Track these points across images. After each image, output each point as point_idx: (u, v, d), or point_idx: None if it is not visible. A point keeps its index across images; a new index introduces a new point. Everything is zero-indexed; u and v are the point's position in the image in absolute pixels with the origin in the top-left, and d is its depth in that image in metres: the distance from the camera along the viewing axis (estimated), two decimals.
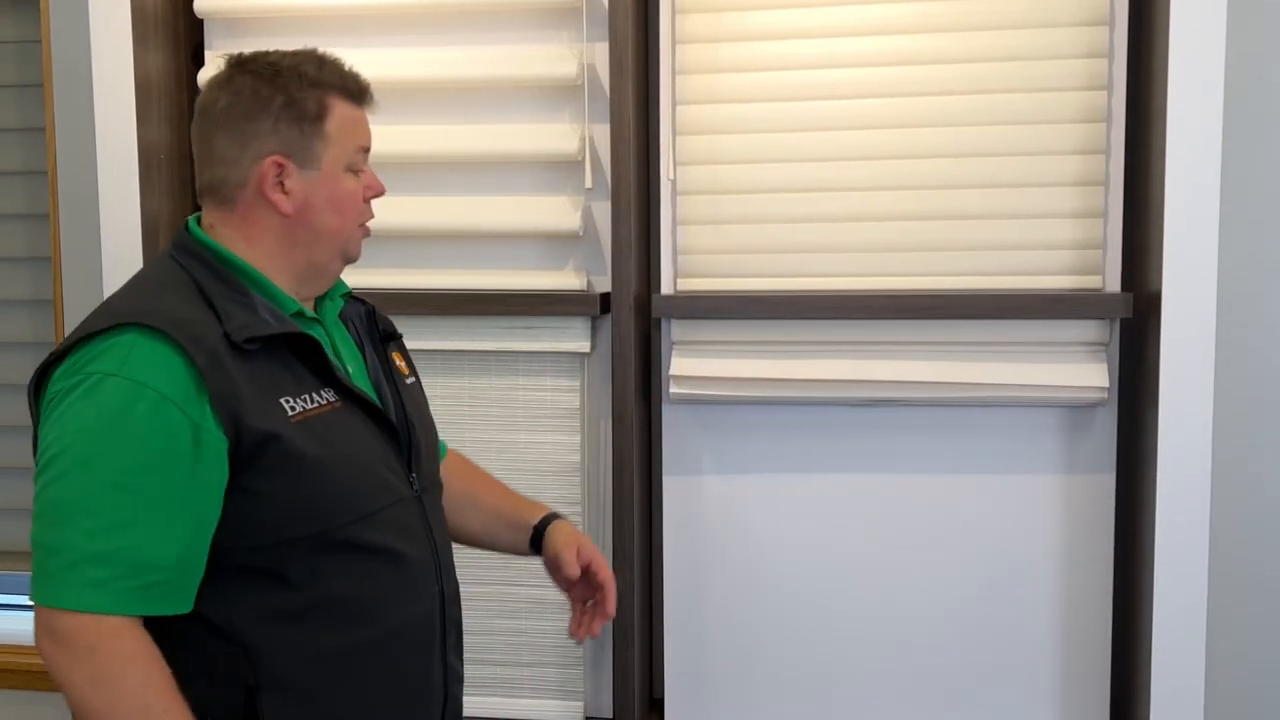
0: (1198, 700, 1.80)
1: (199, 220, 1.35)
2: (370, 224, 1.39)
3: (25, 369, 2.26)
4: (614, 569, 1.94)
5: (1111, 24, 1.85)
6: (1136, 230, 1.89)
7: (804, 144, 1.95)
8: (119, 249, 2.04)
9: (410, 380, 1.48)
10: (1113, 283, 1.89)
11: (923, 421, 1.96)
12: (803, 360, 1.95)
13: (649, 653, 2.11)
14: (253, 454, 1.20)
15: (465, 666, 1.47)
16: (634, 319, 1.94)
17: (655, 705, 2.11)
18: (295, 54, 1.33)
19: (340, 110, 1.32)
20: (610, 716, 2.01)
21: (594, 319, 2.01)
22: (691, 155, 1.98)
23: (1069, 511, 1.94)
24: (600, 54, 1.97)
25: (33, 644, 2.24)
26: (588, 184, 1.99)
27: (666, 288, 2.00)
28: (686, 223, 1.99)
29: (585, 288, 2.02)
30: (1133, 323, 1.90)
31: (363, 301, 1.49)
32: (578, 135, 1.98)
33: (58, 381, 1.25)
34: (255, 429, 1.19)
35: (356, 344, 1.42)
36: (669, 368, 1.99)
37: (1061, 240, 1.89)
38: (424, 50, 2.04)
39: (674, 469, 2.03)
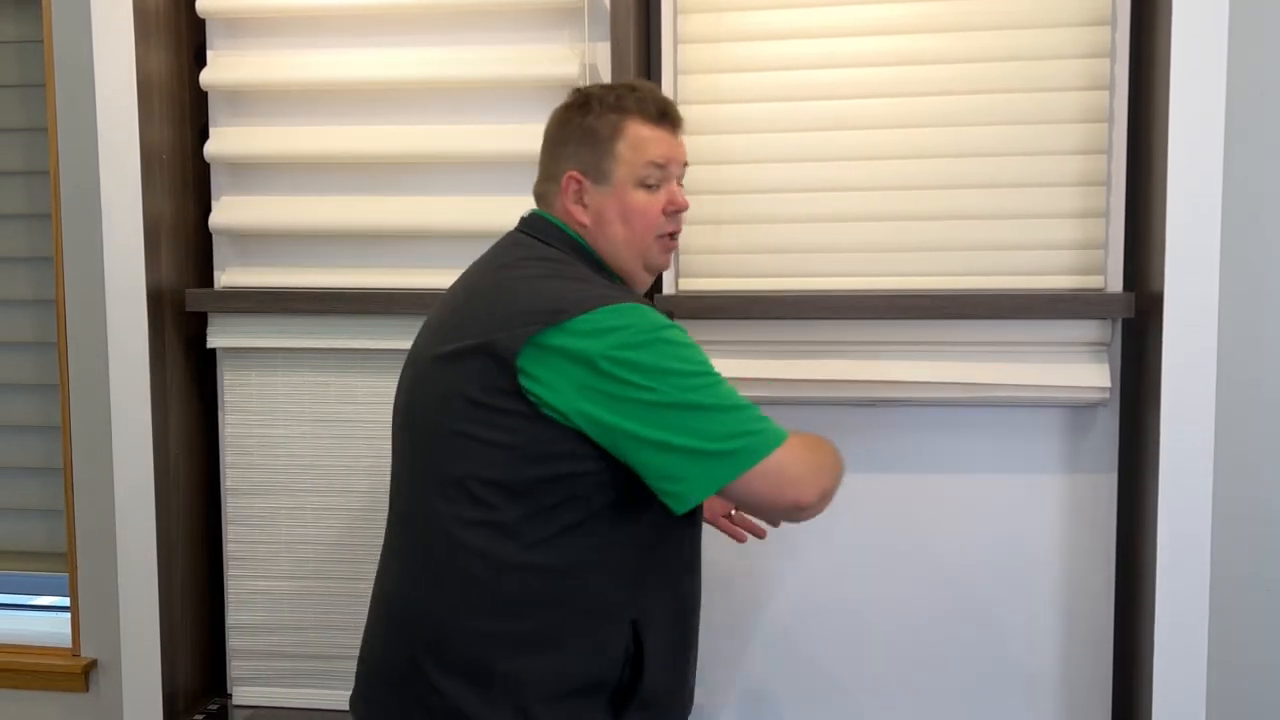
0: (1199, 700, 1.79)
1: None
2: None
3: (28, 369, 2.27)
4: None
5: (1113, 24, 1.85)
6: (1138, 230, 1.89)
7: (806, 144, 1.95)
8: (121, 249, 2.04)
9: None
10: (1114, 283, 1.89)
11: (925, 421, 1.96)
12: (805, 360, 1.95)
13: None
14: None
15: None
16: None
17: None
18: (611, 85, 1.54)
19: (633, 130, 1.47)
20: None
21: None
22: (694, 155, 1.96)
23: (1070, 511, 1.94)
24: (602, 54, 1.97)
25: (33, 644, 2.25)
26: None
27: (669, 287, 2.00)
28: (689, 223, 1.98)
29: None
30: (1134, 323, 1.90)
31: None
32: None
33: (607, 339, 1.34)
34: None
35: None
36: None
37: (1063, 240, 1.89)
38: (426, 50, 2.04)
39: None
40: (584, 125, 1.48)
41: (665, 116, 1.49)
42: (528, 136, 2.00)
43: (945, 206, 1.92)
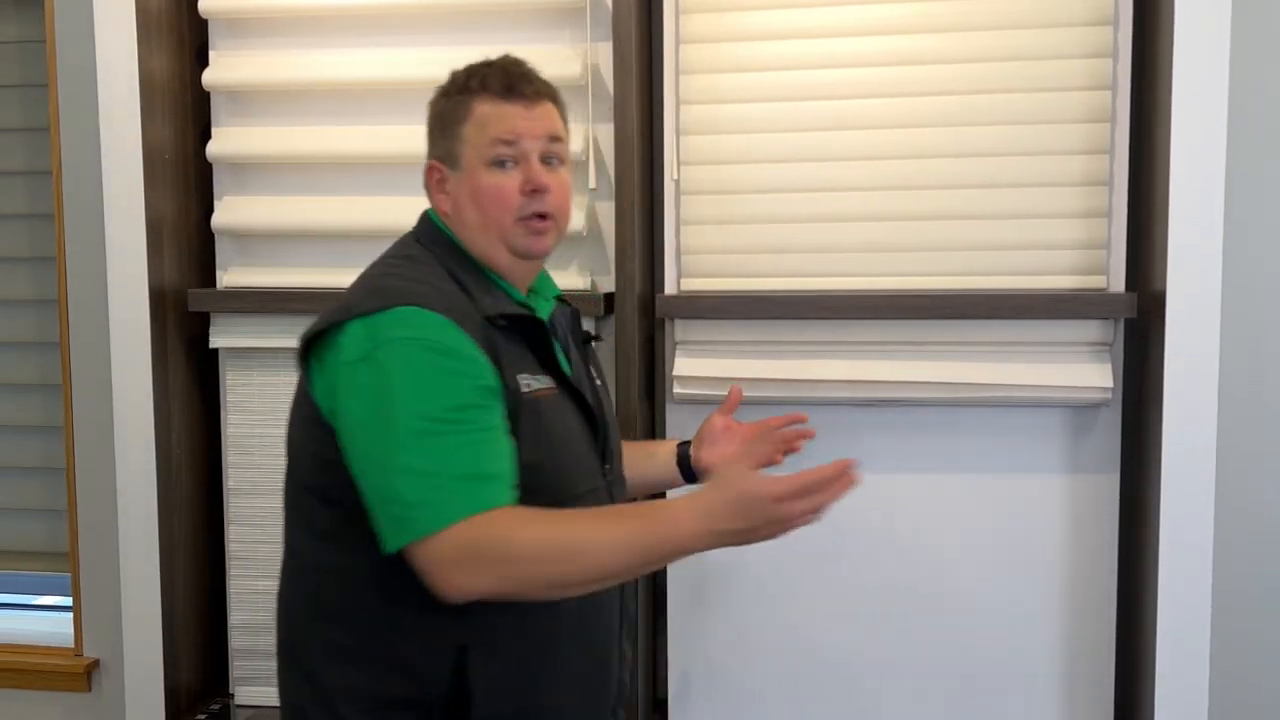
0: (1201, 700, 1.79)
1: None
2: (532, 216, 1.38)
3: (30, 369, 2.27)
4: None
5: (1115, 24, 1.85)
6: (1141, 230, 1.88)
7: (807, 144, 1.95)
8: (123, 248, 2.04)
9: (599, 382, 1.54)
10: (1117, 283, 1.89)
11: (926, 421, 1.96)
12: (806, 360, 1.95)
13: (653, 653, 2.11)
14: (512, 419, 1.29)
15: None
16: (638, 319, 1.94)
17: (659, 706, 2.11)
18: (471, 65, 1.43)
19: (479, 109, 1.38)
20: None
21: (598, 319, 2.01)
22: (695, 155, 1.98)
23: (1073, 511, 1.94)
24: (604, 54, 1.97)
25: (33, 644, 2.24)
26: (592, 184, 1.99)
27: (670, 288, 2.00)
28: (690, 223, 1.99)
29: (589, 288, 2.02)
30: (1137, 323, 1.90)
31: (568, 304, 1.55)
32: (582, 135, 1.98)
33: (350, 348, 1.27)
34: (513, 395, 1.29)
35: (562, 340, 1.48)
36: (673, 368, 1.99)
37: (1065, 240, 1.89)
38: (428, 50, 2.04)
39: None
40: (438, 111, 1.43)
41: (512, 91, 1.38)
42: None
43: (947, 206, 1.92)
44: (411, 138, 2.03)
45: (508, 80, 1.39)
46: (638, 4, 1.93)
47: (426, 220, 1.45)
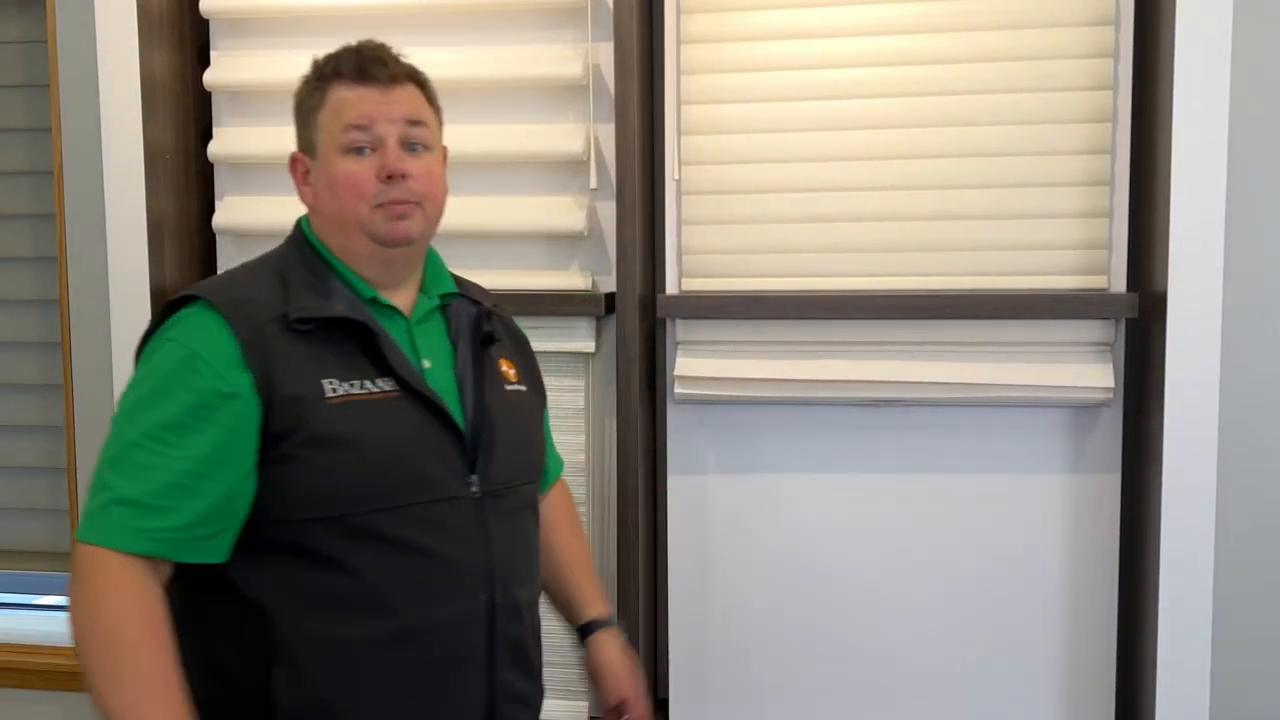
0: (1203, 700, 1.79)
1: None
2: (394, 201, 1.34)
3: (32, 368, 2.27)
4: (618, 568, 1.94)
5: (1117, 23, 1.85)
6: (1142, 230, 1.88)
7: (809, 144, 1.95)
8: (125, 248, 2.05)
9: (516, 388, 1.47)
10: (1118, 283, 1.88)
11: (927, 422, 1.96)
12: (807, 360, 1.95)
13: (653, 653, 2.11)
14: (283, 428, 1.24)
15: None
16: (639, 319, 1.94)
17: (660, 706, 2.11)
18: (331, 52, 1.39)
19: (333, 95, 1.35)
20: None
21: (599, 319, 2.01)
22: (696, 155, 1.98)
23: (1074, 512, 1.94)
24: (605, 54, 1.97)
25: (34, 644, 2.25)
26: (593, 184, 1.99)
27: (671, 288, 2.00)
28: (691, 223, 1.99)
29: (590, 288, 2.02)
30: (1138, 323, 1.90)
31: (478, 304, 1.48)
32: (583, 135, 1.98)
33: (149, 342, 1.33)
34: (285, 403, 1.24)
35: (452, 340, 1.42)
36: (674, 368, 1.99)
37: (1066, 240, 1.89)
38: (429, 51, 2.02)
39: (678, 469, 2.03)
40: (297, 100, 1.39)
41: (365, 74, 1.34)
42: (529, 137, 2.00)
43: (948, 206, 1.92)
44: None
45: (361, 63, 1.35)
46: (639, 4, 1.93)
47: (299, 220, 1.42)
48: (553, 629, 2.05)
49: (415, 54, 2.04)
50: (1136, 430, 1.91)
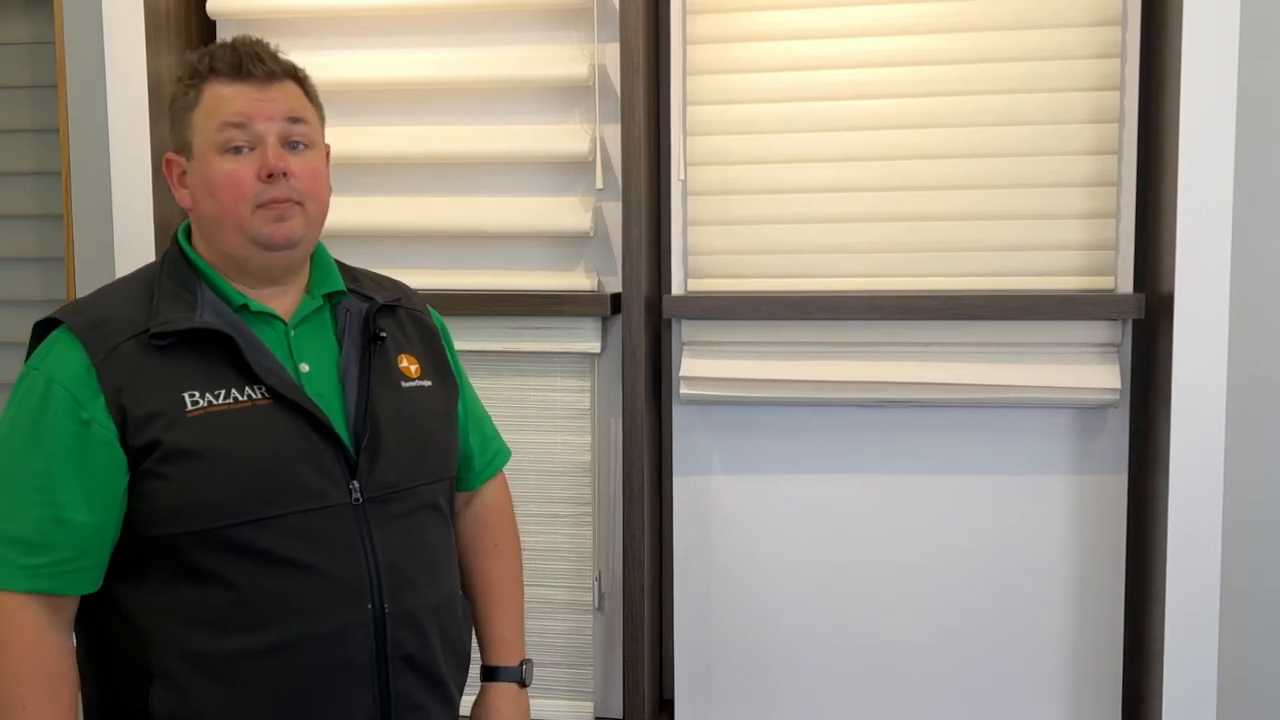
0: (1210, 703, 1.79)
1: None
2: (272, 204, 1.29)
3: None
4: (624, 569, 1.95)
5: (1124, 24, 1.85)
6: (1149, 231, 1.88)
7: (815, 144, 1.94)
8: (132, 249, 2.05)
9: (418, 384, 1.41)
10: (1125, 284, 1.88)
11: (933, 423, 1.96)
12: (813, 361, 1.95)
13: (659, 653, 2.11)
14: (142, 446, 1.22)
15: (468, 673, 1.43)
16: (644, 319, 1.94)
17: (665, 705, 2.11)
18: (204, 49, 1.34)
19: (209, 92, 1.30)
20: (620, 717, 2.01)
21: (604, 319, 2.01)
22: (702, 156, 1.98)
23: (1080, 513, 1.93)
24: (611, 55, 1.97)
25: None
26: (598, 184, 1.99)
27: (677, 288, 2.00)
28: (697, 223, 1.99)
29: (596, 288, 2.02)
30: (1145, 324, 1.89)
31: (371, 300, 1.41)
32: (588, 136, 1.98)
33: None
34: (140, 421, 1.22)
35: (339, 340, 1.37)
36: (679, 368, 1.99)
37: (1073, 241, 1.89)
38: (434, 51, 2.04)
39: (684, 469, 2.03)
40: (171, 100, 1.33)
41: (242, 70, 1.28)
42: (535, 137, 2.01)
43: (954, 207, 1.92)
44: (419, 139, 2.05)
45: (237, 59, 1.29)
46: (645, 5, 1.93)
47: (178, 227, 1.38)
48: (553, 629, 2.06)
49: (420, 54, 2.06)
50: (1143, 431, 1.91)
